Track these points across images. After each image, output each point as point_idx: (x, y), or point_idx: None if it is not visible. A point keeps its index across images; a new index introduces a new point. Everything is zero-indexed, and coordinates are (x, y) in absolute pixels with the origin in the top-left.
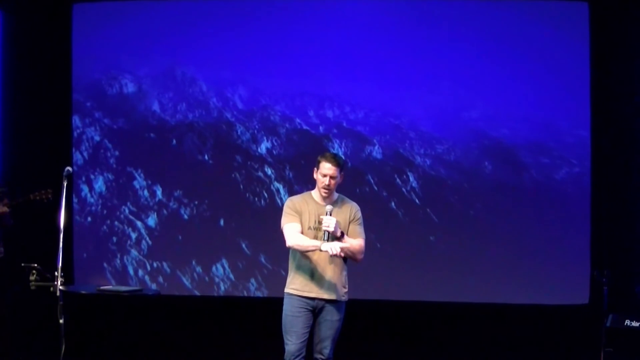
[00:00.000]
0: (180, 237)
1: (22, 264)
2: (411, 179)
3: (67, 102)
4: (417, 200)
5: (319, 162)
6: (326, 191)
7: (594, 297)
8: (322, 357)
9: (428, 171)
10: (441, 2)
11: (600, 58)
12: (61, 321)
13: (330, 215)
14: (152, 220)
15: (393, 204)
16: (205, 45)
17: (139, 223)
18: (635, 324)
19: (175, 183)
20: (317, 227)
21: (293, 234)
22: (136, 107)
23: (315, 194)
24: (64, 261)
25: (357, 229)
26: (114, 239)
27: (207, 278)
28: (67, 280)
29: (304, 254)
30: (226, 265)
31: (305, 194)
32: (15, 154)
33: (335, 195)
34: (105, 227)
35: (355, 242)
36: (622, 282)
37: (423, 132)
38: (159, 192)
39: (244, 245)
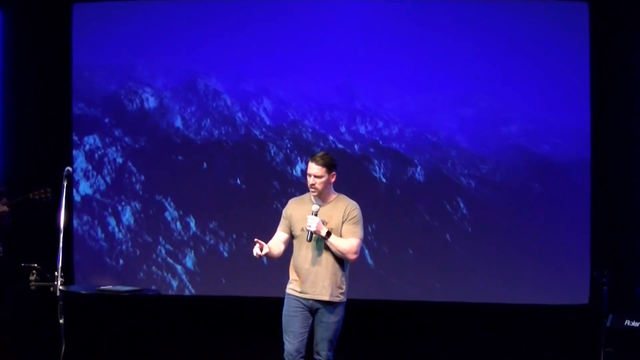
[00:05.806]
0: (224, 281)
1: (22, 264)
2: (461, 205)
3: (67, 102)
4: (469, 229)
5: (308, 163)
6: (313, 190)
7: (594, 297)
8: (321, 358)
9: (476, 195)
10: (445, 5)
11: (600, 58)
12: (61, 321)
13: (316, 215)
14: (189, 261)
15: (448, 236)
16: (223, 48)
17: (178, 267)
18: (635, 324)
19: (208, 213)
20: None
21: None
22: (158, 124)
23: (311, 194)
24: (64, 261)
25: (351, 228)
26: (153, 288)
27: None
28: (67, 280)
29: (299, 255)
30: None
31: (305, 195)
32: (15, 154)
33: (334, 195)
34: (142, 273)
35: (345, 241)
36: (622, 282)
37: (464, 150)
38: (192, 224)
39: None
